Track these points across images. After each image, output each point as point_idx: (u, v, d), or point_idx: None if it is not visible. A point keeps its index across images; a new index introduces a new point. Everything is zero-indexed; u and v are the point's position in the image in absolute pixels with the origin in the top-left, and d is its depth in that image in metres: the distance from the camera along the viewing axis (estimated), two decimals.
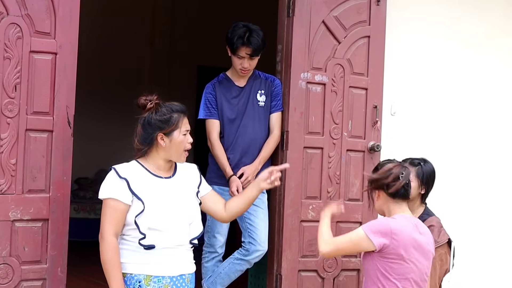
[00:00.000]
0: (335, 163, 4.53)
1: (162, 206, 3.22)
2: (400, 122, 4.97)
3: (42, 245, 3.64)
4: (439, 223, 3.77)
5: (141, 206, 3.18)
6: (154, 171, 3.30)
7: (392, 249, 3.13)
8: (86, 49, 3.72)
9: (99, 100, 8.93)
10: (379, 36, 4.69)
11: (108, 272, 3.16)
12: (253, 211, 4.28)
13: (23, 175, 3.59)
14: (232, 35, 4.20)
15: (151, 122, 3.28)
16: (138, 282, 3.18)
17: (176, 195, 3.28)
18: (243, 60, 4.22)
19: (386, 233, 3.13)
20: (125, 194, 3.19)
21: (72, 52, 3.73)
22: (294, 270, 4.39)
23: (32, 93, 3.62)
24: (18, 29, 3.58)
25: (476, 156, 5.29)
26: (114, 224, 3.18)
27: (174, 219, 3.24)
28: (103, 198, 3.24)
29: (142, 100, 3.33)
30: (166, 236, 3.20)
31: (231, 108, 4.31)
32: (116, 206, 3.19)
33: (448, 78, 5.21)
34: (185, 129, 3.29)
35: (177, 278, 3.25)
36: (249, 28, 4.21)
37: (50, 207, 3.65)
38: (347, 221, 4.55)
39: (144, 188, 3.22)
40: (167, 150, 3.28)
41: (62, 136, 3.69)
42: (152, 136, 3.28)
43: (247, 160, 4.28)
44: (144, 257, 3.19)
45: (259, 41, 4.19)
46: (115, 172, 3.23)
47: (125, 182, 3.20)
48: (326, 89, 4.52)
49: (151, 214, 3.18)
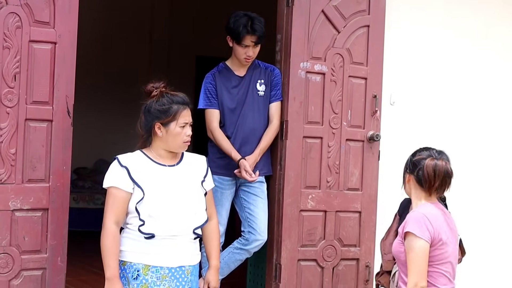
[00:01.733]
0: (335, 152, 4.53)
1: (162, 193, 3.23)
2: (400, 112, 4.97)
3: (42, 235, 3.65)
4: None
5: (141, 193, 3.20)
6: (157, 159, 3.31)
7: (434, 236, 3.13)
8: (86, 40, 3.71)
9: (99, 90, 8.92)
10: (379, 25, 4.69)
11: (104, 258, 3.19)
12: (253, 200, 4.30)
13: (22, 165, 3.59)
14: (235, 25, 4.19)
15: (150, 110, 3.31)
16: (136, 271, 3.20)
17: (179, 183, 3.29)
18: (247, 48, 4.22)
19: (426, 224, 3.13)
20: (125, 182, 3.21)
21: (72, 42, 3.72)
22: (294, 259, 4.40)
23: (31, 82, 3.61)
24: (18, 18, 3.57)
25: (475, 147, 5.29)
26: (115, 212, 3.20)
27: (176, 207, 3.24)
28: (105, 187, 3.27)
29: (149, 87, 3.35)
30: (166, 224, 3.21)
31: (231, 97, 4.31)
32: (117, 194, 3.21)
33: (447, 68, 5.21)
34: (184, 121, 3.29)
35: (176, 269, 3.25)
36: (250, 16, 4.21)
37: (50, 196, 3.66)
38: (347, 211, 4.56)
39: (145, 175, 3.23)
40: (164, 140, 3.29)
41: (61, 126, 3.69)
42: (150, 124, 3.30)
43: (246, 150, 4.28)
44: (144, 246, 3.20)
45: (262, 28, 4.21)
46: (117, 161, 3.27)
47: (125, 171, 3.22)
48: (325, 78, 4.51)
49: (152, 201, 3.19)
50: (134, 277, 3.19)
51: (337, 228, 4.54)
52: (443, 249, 3.16)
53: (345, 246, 4.55)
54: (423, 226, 3.11)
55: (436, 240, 3.13)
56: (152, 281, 3.19)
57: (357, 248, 4.59)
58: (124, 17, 9.18)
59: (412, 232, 3.12)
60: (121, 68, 9.17)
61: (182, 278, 3.26)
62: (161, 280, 3.20)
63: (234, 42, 4.23)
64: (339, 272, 4.54)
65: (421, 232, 3.11)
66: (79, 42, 3.76)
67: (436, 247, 3.14)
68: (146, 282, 3.18)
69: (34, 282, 3.63)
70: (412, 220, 3.16)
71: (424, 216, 3.15)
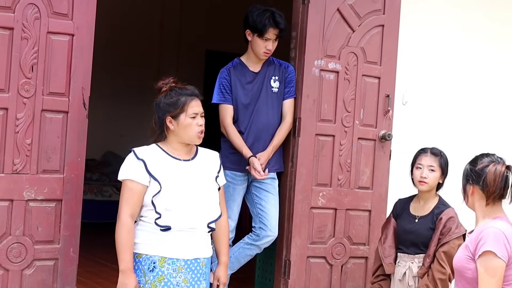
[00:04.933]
0: (346, 151, 4.54)
1: (179, 187, 3.25)
2: (412, 112, 4.98)
3: (55, 225, 3.67)
4: (457, 214, 3.79)
5: (158, 186, 3.21)
6: (173, 153, 3.33)
7: (510, 255, 2.89)
8: (96, 31, 3.73)
9: (107, 82, 8.93)
10: (393, 25, 4.69)
11: (118, 251, 3.21)
12: (264, 196, 4.31)
13: (38, 155, 3.62)
14: (258, 18, 4.20)
15: (160, 105, 3.34)
16: (153, 263, 3.22)
17: (194, 178, 3.31)
18: (268, 42, 4.23)
19: (504, 243, 2.88)
20: (142, 175, 3.23)
21: (89, 34, 3.74)
22: (303, 256, 4.42)
23: (48, 74, 3.63)
24: (36, 9, 3.59)
25: (487, 147, 5.28)
26: (130, 205, 3.22)
27: (191, 200, 3.26)
28: (121, 179, 3.29)
29: (159, 83, 3.38)
30: (182, 217, 3.23)
31: (245, 93, 4.32)
32: (133, 187, 3.23)
33: (460, 69, 5.20)
34: (193, 112, 3.30)
35: (192, 261, 3.28)
36: (271, 10, 4.23)
37: (64, 187, 3.68)
38: (357, 209, 4.58)
39: (161, 169, 3.25)
40: (176, 133, 3.32)
41: (77, 118, 3.71)
42: (162, 119, 3.32)
43: (259, 146, 4.29)
44: (160, 239, 3.22)
45: (284, 22, 4.23)
46: (133, 154, 3.29)
47: (142, 163, 3.24)
48: (339, 77, 4.53)
49: (168, 195, 3.21)
50: (150, 269, 3.21)
51: (347, 226, 4.56)
52: None
53: (354, 244, 4.57)
54: (502, 246, 2.86)
55: (510, 259, 2.89)
56: (169, 273, 3.21)
57: (366, 246, 4.61)
58: (135, 11, 9.19)
59: (493, 251, 2.85)
60: (130, 61, 9.18)
61: (197, 270, 3.29)
62: (177, 272, 3.22)
63: (256, 35, 4.24)
64: (348, 270, 4.56)
65: (501, 252, 2.85)
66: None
67: (509, 267, 2.89)
68: (163, 274, 3.21)
69: (46, 272, 3.66)
70: (491, 238, 2.87)
71: (503, 234, 2.88)
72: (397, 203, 4.05)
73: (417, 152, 3.95)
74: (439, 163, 3.84)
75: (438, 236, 3.73)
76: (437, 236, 3.73)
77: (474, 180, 3.00)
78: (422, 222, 3.83)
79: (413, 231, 3.83)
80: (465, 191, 3.06)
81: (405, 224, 3.89)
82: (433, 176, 3.83)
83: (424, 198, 3.89)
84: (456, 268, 3.03)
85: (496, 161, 3.00)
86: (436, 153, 3.87)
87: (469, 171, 3.04)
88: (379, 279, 3.96)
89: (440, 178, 3.86)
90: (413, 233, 3.83)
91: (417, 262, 3.80)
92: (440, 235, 3.72)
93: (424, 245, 3.78)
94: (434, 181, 3.84)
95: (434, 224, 3.77)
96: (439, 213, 3.79)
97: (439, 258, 3.69)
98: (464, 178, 3.07)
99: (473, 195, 3.02)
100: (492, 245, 2.85)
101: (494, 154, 3.07)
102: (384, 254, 3.90)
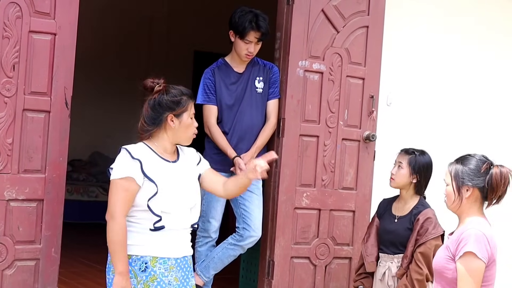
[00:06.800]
0: (330, 151, 4.55)
1: (172, 189, 3.24)
2: (396, 113, 5.00)
3: (37, 225, 3.66)
4: (435, 215, 3.80)
5: (154, 188, 3.18)
6: (162, 154, 3.30)
7: (490, 256, 2.90)
8: (83, 31, 3.71)
9: (95, 82, 8.92)
10: (378, 26, 4.70)
11: (116, 252, 3.13)
12: (248, 197, 4.30)
13: (19, 155, 3.60)
14: (240, 20, 4.19)
15: (162, 103, 3.28)
16: (144, 264, 3.19)
17: (182, 179, 3.30)
18: (250, 44, 4.23)
19: (485, 244, 2.87)
20: (138, 174, 3.18)
21: (72, 33, 3.73)
22: (287, 256, 4.42)
23: (30, 73, 3.62)
24: (18, 8, 3.57)
25: (471, 148, 5.29)
26: (126, 205, 3.16)
27: (181, 202, 3.26)
28: (116, 178, 3.18)
29: (149, 83, 3.33)
30: (174, 219, 3.23)
31: (229, 94, 4.32)
32: (129, 187, 3.16)
33: (444, 70, 5.23)
34: (193, 113, 3.33)
35: (181, 259, 3.28)
36: (255, 13, 4.23)
37: (46, 187, 3.66)
38: (341, 210, 4.58)
39: (155, 170, 3.22)
40: (175, 132, 3.29)
41: (59, 117, 3.69)
42: (161, 117, 3.28)
43: (243, 146, 4.29)
44: (150, 239, 3.20)
45: (267, 25, 4.23)
46: (127, 152, 3.21)
47: (138, 163, 3.18)
48: (323, 77, 4.53)
49: (164, 197, 3.19)
50: (142, 270, 3.18)
51: (331, 227, 4.56)
52: (492, 270, 2.93)
53: (338, 244, 4.57)
54: (483, 247, 2.86)
55: (490, 260, 2.89)
56: (161, 272, 3.19)
57: (350, 247, 4.61)
58: (123, 12, 9.17)
59: (474, 252, 2.84)
60: (118, 61, 9.17)
61: (186, 267, 3.30)
62: (169, 271, 3.21)
63: (237, 37, 4.24)
64: (332, 270, 4.56)
65: (481, 253, 2.85)
66: (78, 33, 3.75)
67: (488, 268, 2.90)
68: (155, 273, 3.18)
69: (28, 272, 3.64)
70: (473, 239, 2.86)
71: (484, 235, 2.88)
72: (381, 203, 4.07)
73: None
74: (408, 161, 3.84)
75: (416, 236, 3.73)
76: (415, 236, 3.74)
77: (474, 181, 2.93)
78: (401, 222, 3.85)
79: (392, 231, 3.85)
80: (459, 192, 2.95)
81: (386, 224, 3.91)
82: (400, 173, 3.84)
83: (404, 198, 3.91)
84: (436, 268, 3.03)
85: (489, 162, 2.96)
86: (408, 151, 3.88)
87: (466, 172, 2.95)
88: (361, 277, 3.97)
89: (410, 177, 3.85)
90: (392, 233, 3.85)
91: (396, 262, 3.81)
92: (418, 235, 3.73)
93: (402, 245, 3.79)
94: (401, 178, 3.84)
95: (412, 224, 3.78)
96: (417, 213, 3.79)
97: (416, 259, 3.70)
98: (457, 179, 2.96)
99: (470, 197, 2.95)
100: (473, 246, 2.84)
101: (481, 154, 3.02)
102: (366, 253, 3.92)
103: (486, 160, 2.96)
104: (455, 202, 2.96)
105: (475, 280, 2.84)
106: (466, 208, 2.96)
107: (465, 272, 2.85)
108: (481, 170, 2.92)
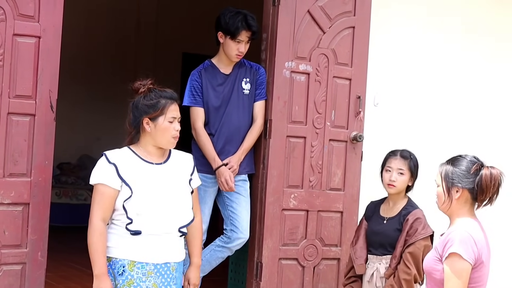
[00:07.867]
0: (318, 152, 4.55)
1: (150, 191, 3.23)
2: (383, 113, 5.00)
3: (23, 229, 3.63)
4: (424, 216, 3.80)
5: (129, 191, 3.19)
6: (145, 157, 3.30)
7: (477, 258, 2.89)
8: (70, 33, 3.70)
9: (83, 85, 8.89)
10: (364, 27, 4.70)
11: (91, 255, 3.18)
12: (236, 199, 4.30)
13: (4, 159, 3.58)
14: (231, 21, 4.20)
15: (138, 106, 3.31)
16: (122, 267, 3.19)
17: (166, 182, 3.29)
18: (241, 44, 4.23)
19: (471, 245, 2.86)
20: (113, 179, 3.20)
21: (56, 36, 3.71)
22: (275, 258, 4.41)
23: (14, 76, 3.60)
24: (2, 11, 3.56)
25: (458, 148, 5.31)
26: (102, 209, 3.19)
27: (163, 205, 3.24)
28: (93, 184, 3.25)
29: (136, 84, 3.35)
30: (154, 222, 3.21)
31: (216, 95, 4.31)
32: (104, 191, 3.19)
33: (431, 70, 5.24)
34: (172, 116, 3.29)
35: (162, 265, 3.25)
36: (243, 13, 4.24)
37: (31, 191, 3.64)
38: (329, 211, 4.58)
39: (133, 173, 3.22)
40: (152, 135, 3.29)
41: (44, 120, 3.67)
42: (138, 120, 3.30)
43: (230, 148, 4.29)
44: (130, 243, 3.20)
45: (256, 24, 4.24)
46: (105, 157, 3.25)
47: (113, 168, 3.21)
48: (310, 78, 4.53)
49: (139, 200, 3.19)
50: (119, 273, 3.18)
51: (319, 228, 4.56)
52: (481, 271, 2.92)
53: (326, 245, 4.57)
54: (469, 248, 2.85)
55: (478, 262, 2.88)
56: (138, 277, 3.18)
57: (338, 248, 4.61)
58: (112, 15, 9.15)
59: (459, 253, 2.84)
60: (107, 64, 9.15)
61: (167, 274, 3.27)
62: (146, 276, 3.20)
63: (228, 37, 4.23)
64: (320, 272, 4.56)
65: (467, 254, 2.84)
66: (64, 36, 3.74)
67: (476, 269, 2.89)
68: (132, 278, 3.18)
69: (14, 276, 3.61)
70: (458, 240, 2.86)
71: (470, 236, 2.87)
72: (369, 206, 4.07)
73: (387, 155, 3.96)
74: (409, 166, 3.86)
75: (405, 237, 3.73)
76: (404, 237, 3.74)
77: (463, 182, 2.92)
78: (390, 223, 3.85)
79: (381, 232, 3.84)
80: (449, 193, 2.94)
81: (374, 226, 3.90)
82: (402, 179, 3.85)
83: (393, 200, 3.91)
84: (425, 269, 3.04)
85: (480, 163, 2.94)
86: (406, 156, 3.88)
87: (456, 173, 2.94)
88: (350, 281, 3.96)
89: (409, 181, 3.87)
90: (381, 234, 3.84)
91: (385, 263, 3.81)
92: (407, 236, 3.73)
93: (391, 246, 3.79)
94: (402, 184, 3.86)
95: (401, 225, 3.78)
96: (406, 214, 3.80)
97: (405, 259, 3.69)
98: (447, 180, 2.95)
99: (460, 198, 2.94)
100: (458, 248, 2.85)
101: (472, 155, 3.00)
102: (355, 255, 3.91)
103: (477, 161, 2.95)
104: (445, 203, 2.96)
105: (461, 281, 2.84)
106: (456, 209, 2.96)
107: (451, 273, 2.86)
108: (471, 171, 2.92)
